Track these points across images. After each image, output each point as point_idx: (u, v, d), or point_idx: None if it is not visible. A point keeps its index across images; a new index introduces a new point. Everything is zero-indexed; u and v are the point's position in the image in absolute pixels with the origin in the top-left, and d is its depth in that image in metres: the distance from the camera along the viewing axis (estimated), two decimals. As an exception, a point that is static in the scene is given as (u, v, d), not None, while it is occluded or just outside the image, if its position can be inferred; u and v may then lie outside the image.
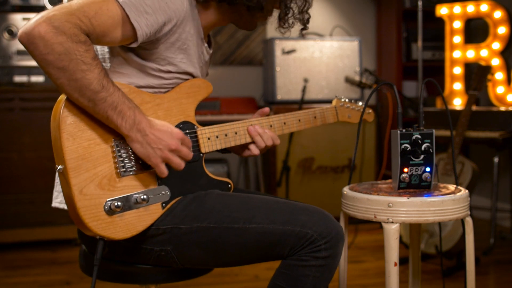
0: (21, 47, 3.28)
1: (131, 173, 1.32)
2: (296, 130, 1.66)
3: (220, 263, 1.42)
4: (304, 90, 3.76)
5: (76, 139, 1.25)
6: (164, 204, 1.37)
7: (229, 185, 1.52)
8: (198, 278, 1.51)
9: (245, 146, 1.59)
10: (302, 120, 1.66)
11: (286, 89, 3.87)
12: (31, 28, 1.16)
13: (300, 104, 3.66)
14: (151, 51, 1.36)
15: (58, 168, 1.25)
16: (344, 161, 3.90)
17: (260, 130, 1.55)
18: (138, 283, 1.46)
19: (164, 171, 1.32)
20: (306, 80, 3.85)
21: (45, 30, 1.16)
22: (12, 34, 3.29)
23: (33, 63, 3.24)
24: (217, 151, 1.66)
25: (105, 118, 1.26)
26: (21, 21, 3.30)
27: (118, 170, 1.31)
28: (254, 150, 1.57)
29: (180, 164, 1.34)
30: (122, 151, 1.32)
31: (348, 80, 3.54)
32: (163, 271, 1.43)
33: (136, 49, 1.37)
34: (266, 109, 1.60)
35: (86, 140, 1.27)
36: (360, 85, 3.48)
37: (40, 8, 3.34)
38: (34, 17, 1.19)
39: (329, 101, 1.79)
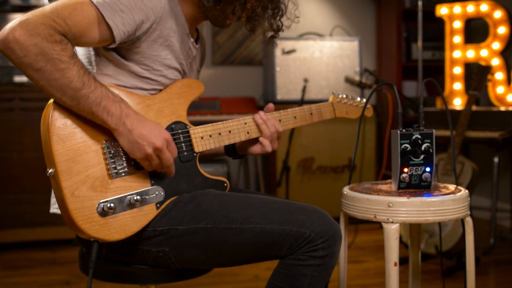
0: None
1: (123, 174, 1.32)
2: (293, 127, 1.65)
3: (218, 263, 1.42)
4: (304, 90, 3.76)
5: (66, 142, 1.25)
6: (158, 205, 1.37)
7: (225, 184, 1.51)
8: (198, 278, 1.51)
9: (253, 143, 1.59)
10: (298, 117, 1.65)
11: (286, 89, 3.87)
12: (5, 34, 1.17)
13: (300, 104, 3.65)
14: (134, 51, 1.36)
15: (49, 171, 1.24)
16: (344, 161, 3.90)
17: (264, 117, 1.56)
18: (138, 283, 1.46)
19: (147, 165, 1.33)
20: (306, 80, 3.85)
21: (19, 33, 1.16)
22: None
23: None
24: (229, 157, 1.67)
25: (90, 114, 1.26)
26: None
27: (110, 172, 1.30)
28: (266, 144, 1.56)
29: (158, 165, 1.33)
30: (113, 152, 1.31)
31: (348, 80, 3.54)
32: (163, 271, 1.43)
33: (120, 49, 1.36)
34: (270, 105, 1.61)
35: (76, 143, 1.26)
36: (360, 85, 3.48)
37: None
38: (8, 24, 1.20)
39: (329, 101, 1.79)
